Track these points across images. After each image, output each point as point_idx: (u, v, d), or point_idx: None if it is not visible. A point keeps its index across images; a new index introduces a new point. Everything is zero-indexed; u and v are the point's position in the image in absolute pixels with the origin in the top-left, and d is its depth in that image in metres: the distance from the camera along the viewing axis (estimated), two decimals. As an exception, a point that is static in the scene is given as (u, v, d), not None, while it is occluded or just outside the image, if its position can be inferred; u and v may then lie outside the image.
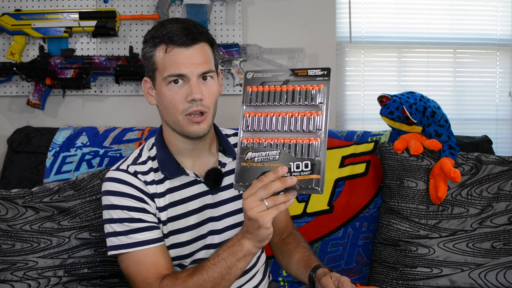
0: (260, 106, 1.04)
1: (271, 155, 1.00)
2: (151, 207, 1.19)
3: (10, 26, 2.01)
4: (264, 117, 1.02)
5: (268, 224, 0.97)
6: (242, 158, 1.01)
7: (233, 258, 1.05)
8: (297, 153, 0.99)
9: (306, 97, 1.01)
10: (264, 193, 0.95)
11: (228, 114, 2.03)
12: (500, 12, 2.31)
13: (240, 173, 1.01)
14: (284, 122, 1.01)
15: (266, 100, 1.03)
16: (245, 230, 1.02)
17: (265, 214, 0.96)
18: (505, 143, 2.35)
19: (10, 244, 1.45)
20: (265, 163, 1.00)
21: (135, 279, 1.15)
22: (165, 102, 1.16)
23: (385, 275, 1.61)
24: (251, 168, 1.00)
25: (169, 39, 1.13)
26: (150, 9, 2.08)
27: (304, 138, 0.99)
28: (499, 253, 1.54)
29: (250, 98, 1.04)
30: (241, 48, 2.06)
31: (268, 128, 1.02)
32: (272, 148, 1.00)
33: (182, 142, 1.22)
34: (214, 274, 1.06)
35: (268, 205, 0.96)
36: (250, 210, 0.96)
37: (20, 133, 1.88)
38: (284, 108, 1.02)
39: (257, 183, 0.97)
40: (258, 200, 0.96)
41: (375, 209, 1.73)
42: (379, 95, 1.75)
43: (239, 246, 1.04)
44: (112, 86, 2.10)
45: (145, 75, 1.21)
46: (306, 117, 1.01)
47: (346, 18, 2.19)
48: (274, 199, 0.96)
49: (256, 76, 1.05)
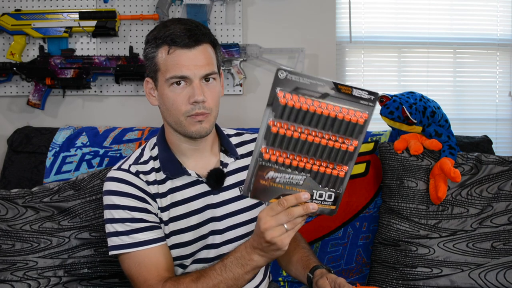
0: (291, 120, 0.90)
1: (295, 180, 0.93)
2: (153, 207, 1.19)
3: (10, 26, 2.01)
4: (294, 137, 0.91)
5: (286, 247, 0.96)
6: (262, 176, 0.92)
7: (241, 271, 1.03)
8: (322, 182, 0.93)
9: (348, 128, 0.91)
10: (286, 219, 0.93)
11: (228, 114, 2.04)
12: (500, 12, 2.30)
13: (256, 189, 0.93)
14: (315, 147, 0.92)
15: (300, 119, 0.90)
16: (257, 247, 1.00)
17: (284, 238, 0.94)
18: (505, 143, 2.35)
19: (10, 244, 1.45)
20: (287, 185, 0.93)
21: (136, 280, 1.14)
22: (167, 103, 1.16)
23: (385, 275, 1.61)
24: (271, 188, 0.93)
25: (172, 40, 1.12)
26: (150, 9, 2.08)
27: (332, 169, 0.93)
28: (499, 253, 1.54)
29: (280, 108, 0.89)
30: (241, 48, 2.06)
31: (296, 149, 0.91)
32: (296, 171, 0.92)
33: (184, 142, 1.22)
34: (219, 284, 1.05)
35: (288, 229, 0.94)
36: (271, 234, 0.94)
37: (20, 133, 1.88)
38: (318, 130, 0.91)
39: (277, 206, 0.93)
40: (279, 225, 0.94)
41: (375, 209, 1.73)
42: (379, 95, 1.75)
43: (249, 260, 1.02)
44: (112, 86, 2.10)
45: (147, 76, 1.21)
46: (342, 150, 0.92)
47: (346, 18, 2.19)
48: (294, 222, 0.94)
49: (290, 78, 0.88)
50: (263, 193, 0.93)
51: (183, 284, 1.09)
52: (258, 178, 0.93)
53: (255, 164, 0.92)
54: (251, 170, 0.92)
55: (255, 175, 0.92)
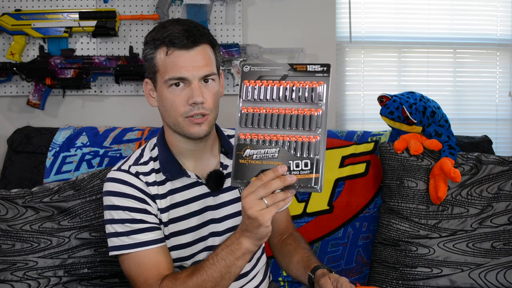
0: (258, 102, 1.02)
1: (270, 153, 0.99)
2: (153, 208, 1.19)
3: (10, 26, 2.01)
4: (263, 113, 1.01)
5: (268, 223, 0.97)
6: (240, 155, 1.00)
7: (232, 257, 1.05)
8: (296, 151, 0.98)
9: (306, 94, 1.00)
10: (264, 192, 0.95)
11: (228, 114, 2.03)
12: (500, 12, 2.30)
13: (237, 170, 1.00)
14: (283, 119, 1.00)
15: (264, 96, 1.02)
16: (243, 229, 1.02)
17: (265, 213, 0.96)
18: (505, 143, 2.35)
19: (10, 244, 1.45)
20: (263, 160, 0.99)
21: (136, 280, 1.15)
22: (166, 104, 1.16)
23: (385, 275, 1.61)
24: (250, 165, 0.99)
25: (170, 41, 1.12)
26: (150, 9, 2.08)
27: (303, 136, 0.98)
28: (499, 253, 1.54)
29: (247, 93, 1.02)
30: (241, 48, 2.06)
31: (266, 124, 1.00)
32: (271, 145, 0.99)
33: (183, 143, 1.21)
34: (213, 273, 1.06)
35: (268, 204, 0.96)
36: (250, 208, 0.96)
37: (20, 133, 1.88)
38: (283, 104, 1.01)
39: (256, 181, 0.96)
40: (257, 199, 0.96)
41: (375, 209, 1.73)
42: (379, 95, 1.75)
43: (237, 245, 1.04)
44: (112, 86, 2.10)
45: (146, 77, 1.21)
46: (306, 115, 0.99)
47: (346, 18, 2.19)
48: (273, 197, 0.96)
49: (253, 70, 1.03)
50: (245, 172, 0.99)
51: (180, 279, 1.10)
52: (238, 159, 1.00)
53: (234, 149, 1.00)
54: (233, 157, 1.00)
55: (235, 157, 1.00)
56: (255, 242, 1.03)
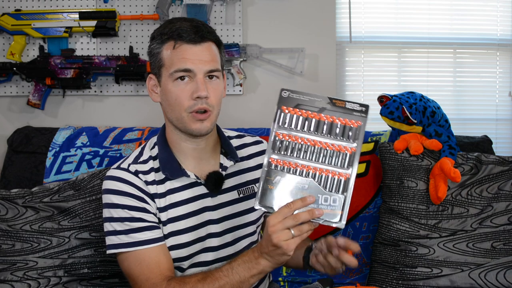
0: (293, 130, 1.01)
1: (301, 184, 0.99)
2: (152, 207, 1.18)
3: (10, 26, 2.01)
4: (298, 143, 1.01)
5: (292, 252, 0.99)
6: (270, 181, 0.99)
7: (247, 274, 1.06)
8: (327, 186, 0.99)
9: (344, 132, 1.01)
10: (292, 223, 0.97)
11: (228, 114, 2.04)
12: (500, 12, 2.30)
13: (264, 194, 1.00)
14: (317, 152, 1.01)
15: (301, 126, 1.01)
16: (264, 252, 1.03)
17: (290, 243, 0.98)
18: (505, 143, 2.35)
19: (10, 244, 1.45)
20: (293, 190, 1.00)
21: (137, 279, 1.14)
22: (170, 98, 1.16)
23: (385, 275, 1.61)
24: None
25: (178, 35, 1.14)
26: (150, 9, 2.08)
27: (334, 172, 1.00)
28: (499, 253, 1.54)
29: (284, 119, 1.01)
30: (241, 48, 2.06)
31: (299, 154, 1.01)
32: (302, 176, 1.00)
33: (185, 141, 1.21)
34: (225, 285, 1.06)
35: (294, 234, 0.98)
36: (277, 237, 0.97)
37: (20, 133, 1.89)
38: (318, 137, 1.01)
39: (284, 209, 0.98)
40: (285, 228, 0.97)
41: (375, 209, 1.73)
42: (379, 95, 1.75)
43: (256, 264, 1.05)
44: (112, 86, 2.10)
45: (151, 72, 1.21)
46: (342, 152, 1.00)
47: (346, 18, 2.19)
48: (300, 229, 0.98)
49: (292, 96, 1.02)
50: (271, 199, 0.99)
51: (189, 284, 1.09)
52: (266, 184, 0.99)
53: (264, 173, 1.00)
54: (261, 180, 1.00)
55: (264, 181, 0.99)
56: (273, 266, 1.05)
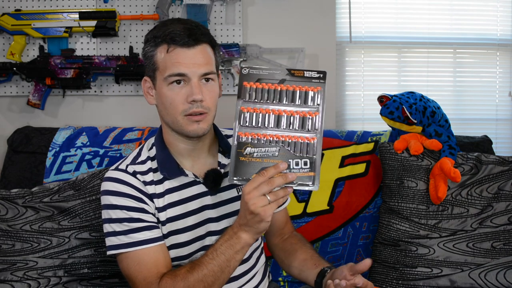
0: (258, 103, 1.07)
1: (271, 151, 1.04)
2: (150, 207, 1.19)
3: (10, 26, 2.01)
4: (263, 114, 1.06)
5: (269, 218, 1.01)
6: (241, 153, 1.04)
7: (231, 251, 1.07)
8: (296, 150, 1.04)
9: (305, 98, 1.06)
10: (267, 188, 1.00)
11: (228, 114, 2.02)
12: (500, 12, 2.30)
13: (237, 167, 1.04)
14: (283, 120, 1.06)
15: (265, 97, 1.06)
16: (242, 223, 1.04)
17: (267, 209, 1.00)
18: (505, 143, 2.35)
19: (10, 244, 1.45)
20: (264, 158, 1.04)
21: (135, 279, 1.15)
22: (165, 102, 1.16)
23: (385, 275, 1.61)
24: (250, 163, 1.04)
25: (171, 39, 1.13)
26: (150, 9, 2.08)
27: (301, 137, 1.05)
28: (499, 253, 1.54)
29: (248, 94, 1.07)
30: (241, 48, 2.06)
31: (266, 125, 1.06)
32: (271, 144, 1.04)
33: (182, 142, 1.22)
34: (214, 268, 1.08)
35: (271, 200, 1.00)
36: (254, 204, 0.99)
37: (20, 133, 1.89)
38: (282, 106, 1.06)
39: (258, 177, 1.00)
40: (260, 195, 1.00)
41: (375, 209, 1.73)
42: (379, 95, 1.75)
43: (236, 239, 1.06)
44: (112, 86, 2.10)
45: (145, 75, 1.21)
46: (305, 117, 1.06)
47: (346, 18, 2.19)
48: (275, 193, 1.01)
49: (252, 72, 1.08)
50: (245, 170, 1.03)
51: (179, 276, 1.10)
52: (238, 156, 1.04)
53: (234, 147, 1.04)
54: (232, 154, 1.04)
55: (235, 155, 1.03)
56: (254, 236, 1.06)
